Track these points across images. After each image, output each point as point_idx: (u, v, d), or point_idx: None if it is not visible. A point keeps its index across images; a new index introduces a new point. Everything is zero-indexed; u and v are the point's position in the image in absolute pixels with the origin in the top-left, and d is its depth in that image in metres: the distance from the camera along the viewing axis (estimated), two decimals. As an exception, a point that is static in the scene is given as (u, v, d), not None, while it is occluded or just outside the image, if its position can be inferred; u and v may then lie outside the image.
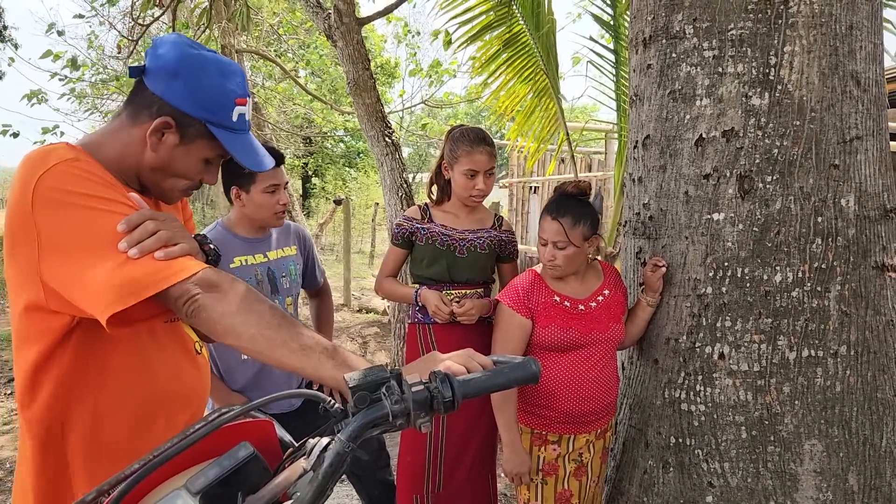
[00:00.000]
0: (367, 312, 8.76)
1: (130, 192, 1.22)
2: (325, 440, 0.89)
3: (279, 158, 2.26)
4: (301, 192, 25.44)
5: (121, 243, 1.08)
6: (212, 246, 1.33)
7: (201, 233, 1.45)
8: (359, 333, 6.74)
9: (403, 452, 2.46)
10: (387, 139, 4.92)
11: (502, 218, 2.61)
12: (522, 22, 4.74)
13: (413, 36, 9.11)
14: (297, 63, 11.29)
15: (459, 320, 2.39)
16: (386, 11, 4.99)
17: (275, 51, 11.95)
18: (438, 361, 1.04)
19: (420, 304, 2.45)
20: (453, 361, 1.03)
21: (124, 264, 1.06)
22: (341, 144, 22.18)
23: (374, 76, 4.97)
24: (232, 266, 2.24)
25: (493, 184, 2.50)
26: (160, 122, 1.21)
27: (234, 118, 1.25)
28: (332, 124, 13.07)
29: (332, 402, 0.95)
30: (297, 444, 0.98)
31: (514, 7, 4.66)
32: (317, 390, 1.35)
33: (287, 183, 2.34)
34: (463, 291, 2.47)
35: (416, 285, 2.52)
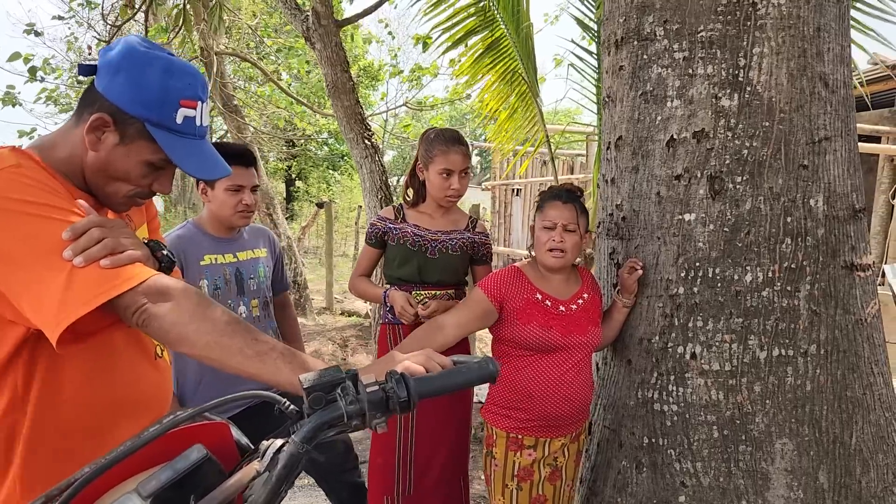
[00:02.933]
0: (349, 315, 8.73)
1: (79, 197, 1.19)
2: (279, 442, 0.88)
3: (248, 160, 2.25)
4: (284, 195, 25.33)
5: (66, 252, 1.05)
6: (165, 252, 1.30)
7: (154, 238, 1.41)
8: (340, 336, 6.71)
9: (374, 454, 2.45)
10: (366, 141, 4.91)
11: (477, 220, 2.61)
12: (504, 26, 4.76)
13: (393, 38, 9.10)
14: (278, 65, 11.23)
15: (425, 322, 2.38)
16: (365, 13, 4.98)
17: (257, 53, 11.88)
18: (397, 361, 1.03)
19: (389, 304, 2.45)
20: (412, 361, 1.03)
21: (70, 274, 1.04)
22: (325, 147, 22.10)
23: (358, 78, 4.98)
24: (202, 264, 2.23)
25: (468, 184, 2.50)
26: (95, 119, 1.17)
27: (179, 120, 1.20)
28: (314, 127, 13.02)
29: (288, 403, 0.94)
30: (253, 447, 0.97)
31: (496, 12, 4.68)
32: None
33: (257, 186, 2.32)
34: (433, 292, 2.46)
35: (389, 286, 2.51)
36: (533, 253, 2.17)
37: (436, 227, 2.49)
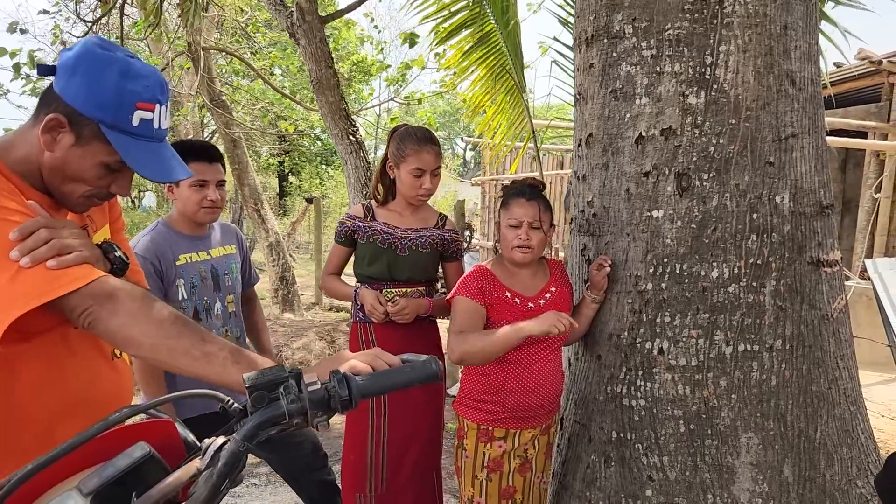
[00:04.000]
0: (337, 311, 8.74)
1: (35, 197, 1.20)
2: (220, 440, 0.89)
3: (212, 156, 2.25)
4: (278, 190, 25.28)
5: (12, 252, 1.06)
6: (118, 254, 1.30)
7: (116, 240, 1.41)
8: (328, 331, 6.72)
9: (346, 451, 2.47)
10: (350, 137, 4.91)
11: (446, 217, 2.62)
12: (493, 21, 4.77)
13: (379, 32, 9.09)
14: (270, 60, 11.19)
15: (394, 319, 2.40)
16: (349, 9, 4.98)
17: (250, 49, 11.83)
18: (344, 360, 1.05)
19: (360, 303, 2.46)
20: (359, 360, 1.04)
21: (15, 274, 1.05)
22: (318, 142, 22.05)
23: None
24: (178, 263, 2.23)
25: (439, 182, 2.51)
26: (51, 119, 1.17)
27: (135, 122, 1.21)
28: (307, 122, 12.98)
29: (231, 401, 0.95)
30: (200, 444, 0.98)
31: (486, 6, 4.69)
32: None
33: (223, 181, 2.32)
34: (404, 290, 2.48)
35: (359, 284, 2.53)
36: (500, 249, 2.19)
37: (405, 224, 2.50)
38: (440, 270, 2.67)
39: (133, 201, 27.84)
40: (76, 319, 1.09)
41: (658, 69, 2.04)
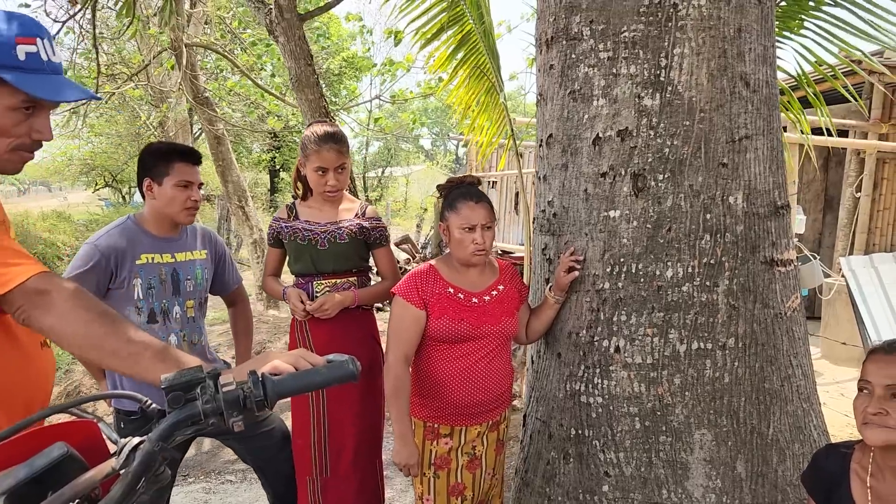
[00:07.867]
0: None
1: None
2: (136, 440, 0.91)
3: (196, 158, 2.31)
4: (269, 187, 25.24)
5: None
6: None
7: None
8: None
9: (294, 436, 2.55)
10: (330, 135, 4.91)
11: (367, 206, 2.66)
12: (472, 21, 4.79)
13: (370, 33, 9.09)
14: (256, 58, 11.17)
15: (317, 316, 2.47)
16: (327, 7, 4.98)
17: (240, 45, 11.80)
18: (268, 361, 1.07)
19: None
20: (282, 361, 1.06)
21: None
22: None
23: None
24: (138, 262, 2.24)
25: (347, 178, 2.56)
26: None
27: (21, 57, 1.22)
28: (296, 117, 12.96)
29: (149, 402, 0.97)
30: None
31: (464, 7, 4.70)
32: None
33: (202, 184, 2.36)
34: (333, 281, 2.55)
35: (287, 283, 2.62)
36: (446, 247, 2.21)
37: (325, 218, 2.56)
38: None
39: (124, 197, 27.78)
40: (13, 315, 1.15)
41: (614, 71, 2.06)
